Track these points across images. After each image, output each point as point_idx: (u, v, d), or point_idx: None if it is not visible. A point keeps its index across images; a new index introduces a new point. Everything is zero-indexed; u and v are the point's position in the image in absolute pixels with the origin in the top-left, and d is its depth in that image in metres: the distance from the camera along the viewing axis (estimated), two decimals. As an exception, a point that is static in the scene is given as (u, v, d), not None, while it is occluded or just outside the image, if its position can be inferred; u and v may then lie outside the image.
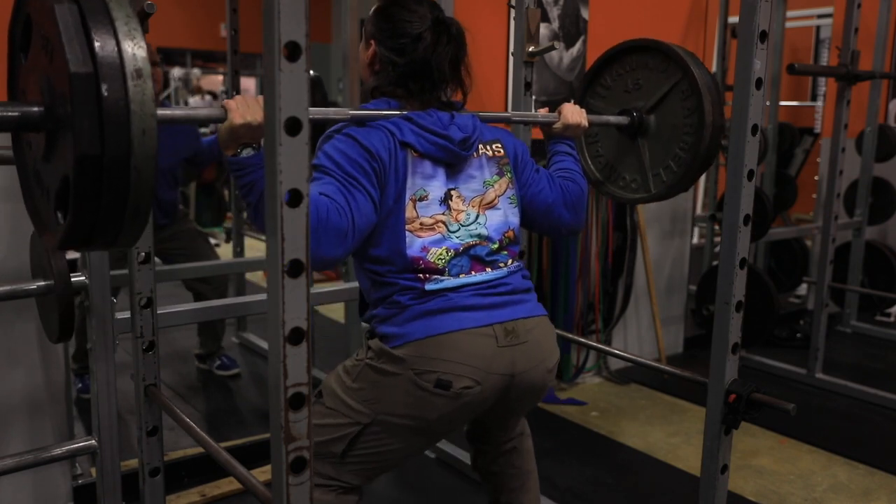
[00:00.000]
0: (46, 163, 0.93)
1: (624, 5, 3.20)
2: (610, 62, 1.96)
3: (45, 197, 0.96)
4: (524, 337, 1.44)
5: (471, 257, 1.45)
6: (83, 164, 0.82)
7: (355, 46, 2.53)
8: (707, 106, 1.74)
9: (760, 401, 1.50)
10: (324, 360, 3.16)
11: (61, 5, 0.83)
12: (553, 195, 1.63)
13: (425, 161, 1.43)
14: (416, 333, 1.38)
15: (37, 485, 2.07)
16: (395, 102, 1.48)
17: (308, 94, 0.85)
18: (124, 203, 0.86)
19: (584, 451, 2.67)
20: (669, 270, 3.62)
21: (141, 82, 0.84)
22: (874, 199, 3.94)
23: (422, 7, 1.49)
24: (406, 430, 1.41)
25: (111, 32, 0.84)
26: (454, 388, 1.36)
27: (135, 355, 1.76)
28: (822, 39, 5.46)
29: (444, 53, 1.47)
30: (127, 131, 0.83)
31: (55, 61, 0.85)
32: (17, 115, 0.89)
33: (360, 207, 1.33)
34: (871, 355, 3.85)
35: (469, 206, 1.47)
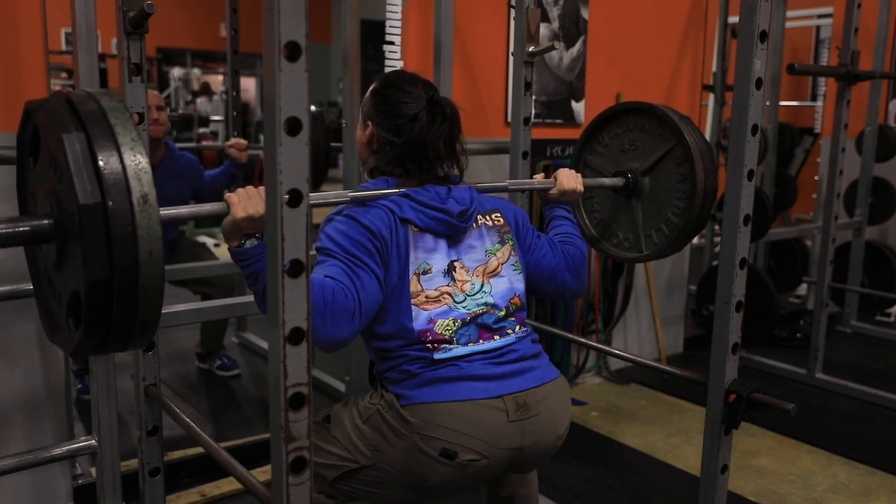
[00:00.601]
0: (58, 271, 0.96)
1: (624, 5, 3.20)
2: (607, 122, 1.99)
3: (56, 301, 1.00)
4: (535, 409, 1.43)
5: (478, 326, 1.46)
6: (93, 288, 0.86)
7: (355, 46, 2.53)
8: (699, 173, 1.76)
9: (760, 401, 1.50)
10: (324, 360, 3.16)
11: (70, 135, 0.87)
12: (556, 260, 1.64)
13: (426, 235, 1.44)
14: (426, 397, 1.38)
15: (37, 485, 2.07)
16: (393, 181, 1.50)
17: (308, 94, 0.85)
18: (134, 318, 0.90)
19: (584, 451, 2.67)
20: (669, 270, 3.62)
21: (147, 207, 0.87)
22: (874, 199, 3.94)
23: (416, 88, 1.52)
24: (402, 486, 1.41)
25: (118, 159, 0.87)
26: (459, 459, 1.36)
27: (135, 355, 1.76)
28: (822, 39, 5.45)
29: (438, 132, 1.50)
30: (134, 256, 0.86)
31: (64, 183, 0.88)
32: (28, 230, 0.93)
33: (365, 287, 1.34)
34: (871, 355, 3.85)
35: (473, 276, 1.48)
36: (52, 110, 0.90)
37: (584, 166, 2.05)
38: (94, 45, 1.62)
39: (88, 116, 0.89)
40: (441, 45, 2.36)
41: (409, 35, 2.60)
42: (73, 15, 1.59)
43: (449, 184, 1.53)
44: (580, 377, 3.32)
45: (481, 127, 2.87)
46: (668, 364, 3.04)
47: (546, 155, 3.03)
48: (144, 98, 1.60)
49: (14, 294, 1.72)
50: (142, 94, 1.60)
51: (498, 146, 2.64)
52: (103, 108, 0.90)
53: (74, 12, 1.59)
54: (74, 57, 1.61)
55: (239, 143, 3.07)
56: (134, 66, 1.57)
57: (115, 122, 0.89)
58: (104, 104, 0.91)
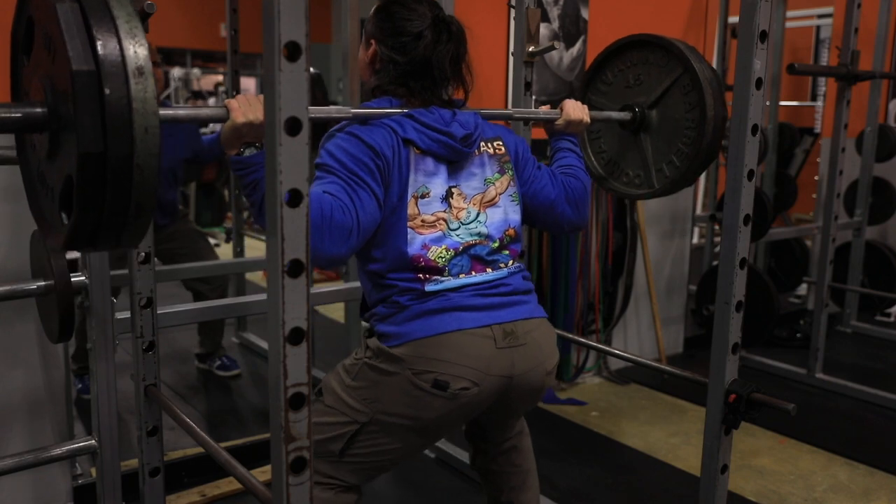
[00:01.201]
0: (50, 163, 0.93)
1: (624, 5, 3.20)
2: (611, 58, 1.96)
3: (49, 197, 0.97)
4: (523, 339, 1.44)
5: (471, 257, 1.45)
6: (86, 163, 0.83)
7: (355, 46, 2.53)
8: (709, 100, 1.74)
9: (760, 401, 1.50)
10: (324, 360, 3.16)
11: (63, 4, 0.83)
12: (555, 192, 1.63)
13: (427, 158, 1.43)
14: (415, 333, 1.38)
15: (37, 485, 2.07)
16: (396, 101, 1.48)
17: (308, 93, 0.85)
18: (128, 201, 0.86)
19: (584, 451, 2.67)
20: (669, 270, 3.62)
21: (143, 80, 0.84)
22: (874, 199, 3.93)
23: (422, 6, 1.49)
24: (403, 429, 1.41)
25: (113, 31, 0.84)
26: (451, 389, 1.36)
27: (135, 355, 1.76)
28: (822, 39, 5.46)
29: (444, 51, 1.47)
30: (129, 129, 0.83)
31: (57, 60, 0.85)
32: (20, 115, 0.89)
33: (364, 205, 1.33)
34: (871, 355, 3.85)
35: (470, 204, 1.47)
36: None
37: (589, 106, 1.98)
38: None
39: None
40: (441, 45, 2.35)
41: (409, 35, 2.59)
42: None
43: (453, 107, 1.50)
44: (580, 377, 3.32)
45: (481, 127, 2.87)
46: (668, 364, 3.04)
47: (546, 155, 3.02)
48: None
49: (14, 294, 1.72)
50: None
51: (498, 146, 2.63)
52: None
53: (74, 12, 1.59)
54: (74, 57, 1.61)
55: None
56: (134, 65, 1.57)
57: None
58: None
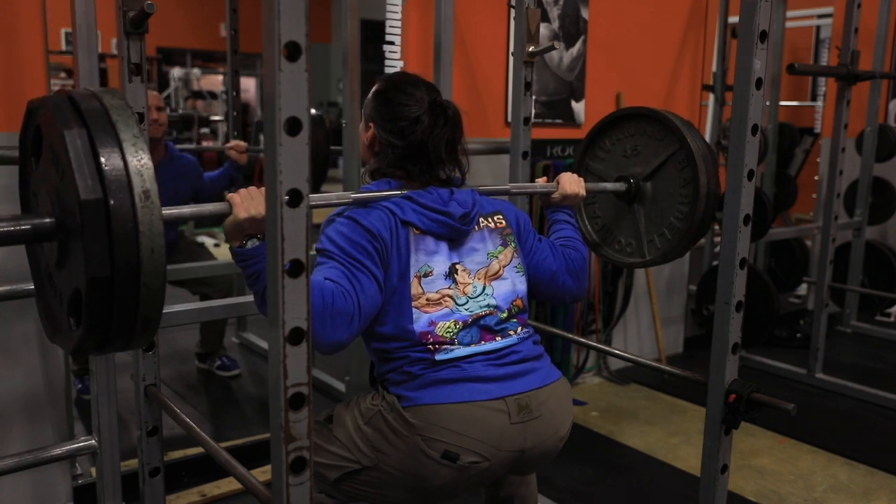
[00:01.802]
0: (59, 269, 0.96)
1: (624, 5, 3.20)
2: (609, 127, 1.99)
3: (57, 300, 1.00)
4: (537, 411, 1.43)
5: (480, 327, 1.46)
6: (94, 285, 0.86)
7: (355, 46, 2.53)
8: (702, 178, 1.76)
9: (760, 401, 1.50)
10: (324, 361, 3.15)
11: (71, 132, 0.86)
12: (557, 263, 1.64)
13: (427, 237, 1.44)
14: (427, 399, 1.38)
15: (37, 485, 2.07)
16: (395, 183, 1.50)
17: (308, 94, 0.85)
18: (135, 316, 0.90)
19: (584, 451, 2.67)
20: (669, 270, 3.62)
21: (149, 203, 0.87)
22: (874, 199, 3.93)
23: (419, 90, 1.51)
24: (404, 487, 1.41)
25: (119, 156, 0.87)
26: (461, 462, 1.36)
27: (135, 355, 1.76)
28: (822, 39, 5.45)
29: (441, 135, 1.49)
30: (136, 252, 0.86)
31: (65, 180, 0.87)
32: (30, 228, 0.93)
33: (364, 289, 1.34)
34: (871, 355, 3.85)
35: (475, 279, 1.48)
36: (55, 108, 0.90)
37: (586, 172, 2.04)
38: (94, 45, 1.62)
39: (90, 114, 0.89)
40: (441, 45, 2.36)
41: (409, 35, 2.60)
42: (73, 15, 1.59)
43: (451, 186, 1.53)
44: (580, 377, 3.32)
45: (481, 127, 2.87)
46: (668, 364, 3.04)
47: (546, 155, 3.03)
48: (144, 98, 1.61)
49: (14, 294, 1.72)
50: (142, 94, 1.60)
51: (498, 146, 2.64)
52: (105, 106, 0.90)
53: (74, 12, 1.59)
54: (74, 57, 1.61)
55: (238, 145, 3.07)
56: (134, 66, 1.57)
57: (117, 119, 0.89)
58: (106, 102, 0.91)
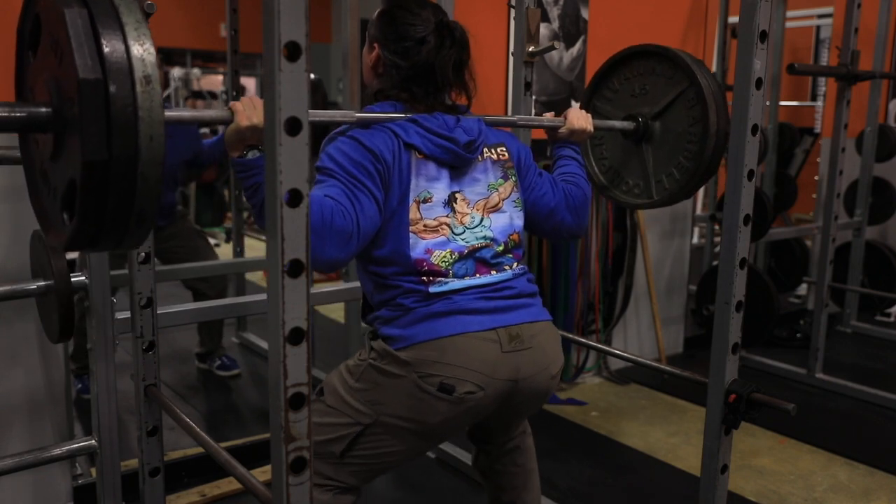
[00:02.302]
0: (53, 163, 0.93)
1: (624, 5, 3.20)
2: (617, 66, 1.96)
3: (51, 196, 0.97)
4: (528, 342, 1.43)
5: (476, 260, 1.45)
6: (90, 170, 0.83)
7: (355, 46, 2.53)
8: (712, 116, 1.74)
9: (760, 401, 1.50)
10: (324, 360, 3.16)
11: (71, 10, 0.83)
12: (556, 199, 1.62)
13: (430, 163, 1.43)
14: (420, 336, 1.37)
15: (37, 485, 2.07)
16: (400, 105, 1.48)
17: (308, 94, 0.85)
18: (130, 209, 0.86)
19: (584, 451, 2.67)
20: (669, 270, 3.62)
21: (150, 88, 0.84)
22: (874, 199, 3.93)
23: (425, 11, 1.49)
24: (407, 432, 1.41)
25: (121, 38, 0.84)
26: (457, 393, 1.36)
27: (135, 355, 1.76)
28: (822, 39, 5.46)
29: (447, 57, 1.47)
30: (135, 137, 0.83)
31: (64, 64, 0.84)
32: (25, 115, 0.89)
33: (364, 210, 1.33)
34: (871, 355, 3.85)
35: (473, 210, 1.47)
36: None
37: (593, 112, 2.00)
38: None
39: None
40: (441, 45, 2.35)
41: (409, 35, 2.59)
42: (73, 15, 1.59)
43: (457, 113, 1.50)
44: (580, 377, 3.32)
45: (481, 127, 2.86)
46: (668, 364, 3.04)
47: (546, 155, 3.02)
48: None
49: (14, 294, 1.72)
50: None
51: (498, 146, 2.63)
52: None
53: (74, 12, 1.59)
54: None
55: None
56: (134, 65, 1.57)
57: (120, 2, 0.86)
58: None
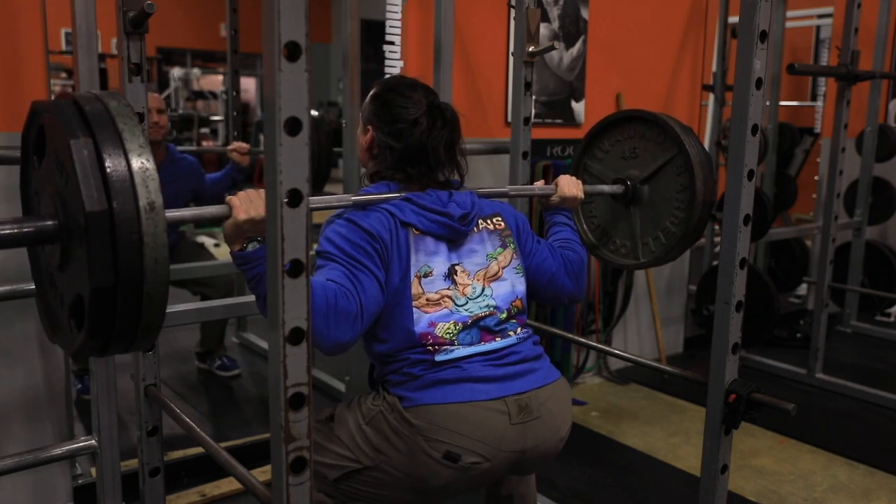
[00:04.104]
0: (61, 272, 0.96)
1: (624, 5, 3.20)
2: (609, 128, 1.99)
3: (58, 301, 0.99)
4: (537, 412, 1.43)
5: (480, 328, 1.46)
6: (98, 294, 0.86)
7: (355, 46, 2.53)
8: (699, 185, 1.77)
9: (760, 401, 1.50)
10: (324, 360, 3.15)
11: (77, 141, 0.86)
12: (555, 265, 1.64)
13: (427, 238, 1.45)
14: (428, 399, 1.38)
15: (37, 485, 2.07)
16: (394, 185, 1.51)
17: (308, 94, 0.85)
18: (137, 324, 0.90)
19: (584, 451, 2.67)
20: (669, 270, 3.62)
21: (154, 214, 0.86)
22: (874, 199, 3.93)
23: (416, 93, 1.52)
24: (405, 486, 1.42)
25: (125, 166, 0.86)
26: (462, 462, 1.36)
27: (135, 355, 1.76)
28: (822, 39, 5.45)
29: (439, 137, 1.50)
30: (140, 262, 0.86)
31: (70, 187, 0.87)
32: (33, 230, 0.92)
33: (366, 289, 1.35)
34: (871, 355, 3.85)
35: (474, 280, 1.48)
36: (60, 113, 0.90)
37: (584, 171, 2.05)
38: (94, 45, 1.62)
39: (96, 120, 0.88)
40: (441, 45, 2.36)
41: (409, 35, 2.59)
42: (73, 15, 1.59)
43: (450, 188, 1.53)
44: (580, 377, 3.32)
45: (481, 127, 2.87)
46: (668, 364, 3.04)
47: (546, 155, 3.03)
48: (144, 98, 1.60)
49: (14, 294, 1.72)
50: (142, 95, 1.59)
51: (498, 146, 2.63)
52: (111, 112, 0.90)
53: (74, 12, 1.59)
54: (74, 57, 1.61)
55: (240, 146, 3.07)
56: (134, 66, 1.57)
57: (123, 128, 0.88)
58: (111, 107, 0.90)
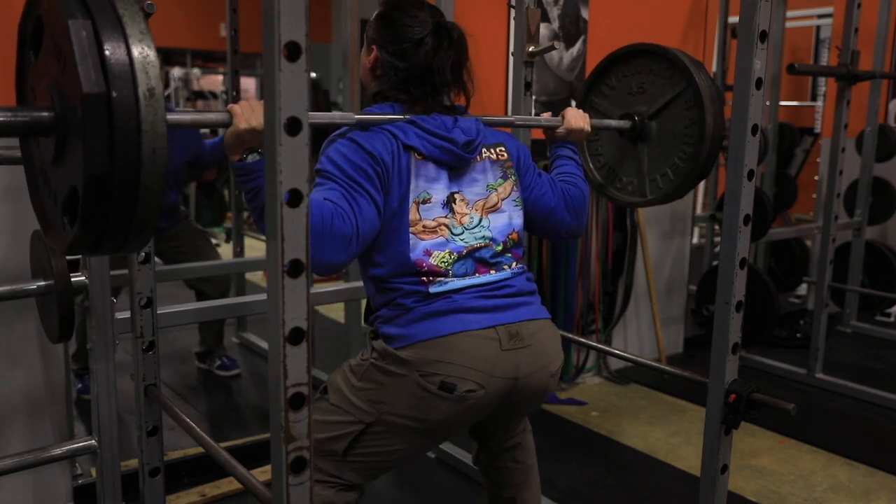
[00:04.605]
0: (55, 167, 0.93)
1: (624, 5, 3.20)
2: (616, 63, 1.96)
3: (52, 199, 0.97)
4: (528, 340, 1.44)
5: (475, 260, 1.45)
6: (93, 182, 0.83)
7: (355, 46, 2.53)
8: (709, 119, 1.74)
9: (760, 401, 1.50)
10: (324, 360, 3.16)
11: (76, 21, 0.83)
12: (555, 199, 1.63)
13: (429, 164, 1.43)
14: (420, 335, 1.38)
15: (37, 485, 2.07)
16: (398, 107, 1.48)
17: (308, 94, 0.85)
18: (132, 217, 0.87)
19: (584, 451, 2.67)
20: (669, 270, 3.62)
21: (153, 101, 0.84)
22: (874, 199, 3.93)
23: (423, 12, 1.50)
24: (409, 430, 1.42)
25: (125, 50, 0.84)
26: (458, 391, 1.36)
27: (135, 355, 1.76)
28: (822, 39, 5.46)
29: (445, 58, 1.48)
30: (137, 151, 0.83)
31: (67, 72, 0.84)
32: (28, 119, 0.89)
33: (363, 212, 1.34)
34: (871, 355, 3.85)
35: (472, 210, 1.47)
36: None
37: (590, 108, 2.01)
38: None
39: (95, 4, 0.85)
40: (441, 45, 2.35)
41: (409, 35, 2.59)
42: (73, 15, 1.59)
43: (455, 113, 1.51)
44: (580, 377, 3.32)
45: (481, 127, 2.86)
46: (668, 364, 3.05)
47: (546, 155, 3.02)
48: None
49: (14, 294, 1.71)
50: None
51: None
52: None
53: (74, 12, 1.59)
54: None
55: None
56: (134, 65, 1.57)
57: (124, 13, 0.85)
58: None
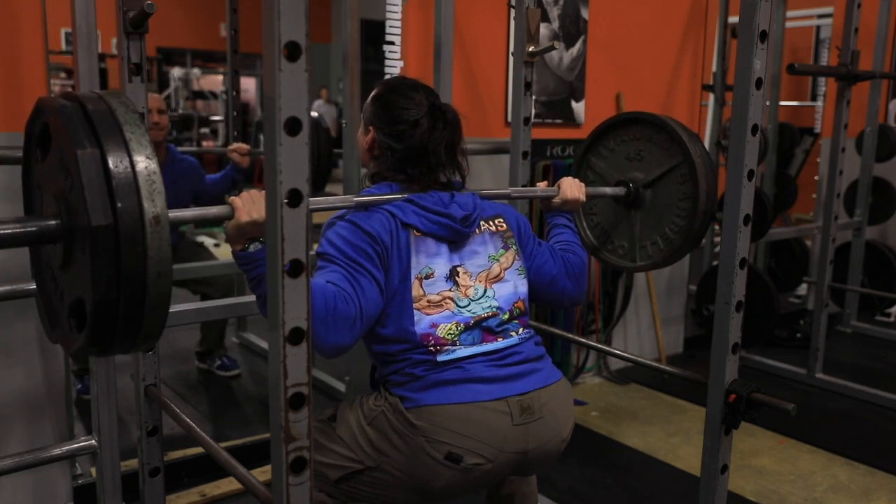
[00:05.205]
0: (63, 272, 0.96)
1: (624, 5, 3.20)
2: (615, 127, 1.99)
3: (59, 298, 0.99)
4: (539, 413, 1.43)
5: (482, 329, 1.46)
6: (100, 305, 0.86)
7: (355, 46, 2.53)
8: (702, 195, 1.77)
9: (760, 401, 1.50)
10: (323, 360, 3.15)
11: (84, 152, 0.85)
12: (556, 267, 1.65)
13: (428, 239, 1.45)
14: (430, 399, 1.38)
15: (37, 485, 2.07)
16: (396, 186, 1.51)
17: (308, 94, 0.85)
18: (138, 332, 0.90)
19: (584, 451, 2.67)
20: (669, 270, 3.62)
21: (159, 229, 0.86)
22: (874, 199, 3.93)
23: (418, 94, 1.52)
24: (406, 487, 1.41)
25: (132, 179, 0.86)
26: (464, 463, 1.36)
27: (135, 355, 1.76)
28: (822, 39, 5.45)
29: (440, 138, 1.50)
30: (143, 275, 0.86)
31: (74, 192, 0.86)
32: (35, 230, 0.92)
33: (366, 293, 1.35)
34: (871, 355, 3.85)
35: (476, 281, 1.49)
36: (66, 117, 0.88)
37: (587, 168, 2.05)
38: (94, 45, 1.62)
39: (102, 128, 0.87)
40: (441, 45, 2.36)
41: (409, 35, 2.59)
42: (73, 15, 1.59)
43: (452, 189, 1.53)
44: (580, 377, 3.32)
45: (481, 127, 2.87)
46: (668, 364, 3.04)
47: (546, 155, 3.03)
48: (144, 98, 1.61)
49: (14, 294, 1.72)
50: (142, 95, 1.60)
51: (498, 146, 2.64)
52: (118, 119, 0.89)
53: (74, 12, 1.59)
54: (74, 57, 1.61)
55: (241, 147, 3.07)
56: (134, 66, 1.57)
57: (131, 137, 0.88)
58: (119, 115, 0.89)
